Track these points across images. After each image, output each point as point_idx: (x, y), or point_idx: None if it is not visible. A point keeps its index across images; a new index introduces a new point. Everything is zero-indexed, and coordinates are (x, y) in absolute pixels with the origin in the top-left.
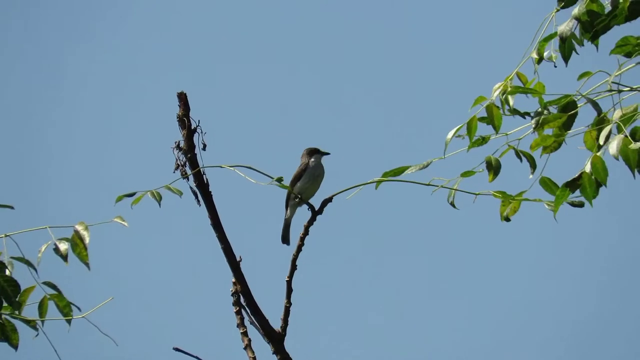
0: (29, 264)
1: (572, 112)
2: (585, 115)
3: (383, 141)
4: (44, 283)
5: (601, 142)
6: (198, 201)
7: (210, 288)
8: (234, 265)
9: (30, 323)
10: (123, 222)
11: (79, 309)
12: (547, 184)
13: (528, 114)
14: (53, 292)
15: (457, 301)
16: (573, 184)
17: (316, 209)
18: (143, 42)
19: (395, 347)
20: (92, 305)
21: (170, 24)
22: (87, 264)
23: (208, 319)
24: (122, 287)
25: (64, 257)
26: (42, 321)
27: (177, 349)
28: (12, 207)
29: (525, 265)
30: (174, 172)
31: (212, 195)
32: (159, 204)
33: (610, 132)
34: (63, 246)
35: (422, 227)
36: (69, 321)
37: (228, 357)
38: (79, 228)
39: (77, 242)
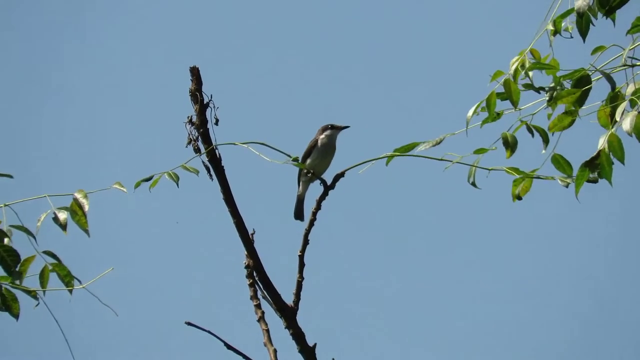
0: (28, 232)
1: (586, 87)
2: (598, 91)
3: (398, 116)
4: (44, 252)
5: (617, 118)
6: (210, 176)
7: (222, 262)
8: (247, 239)
9: (30, 293)
10: (122, 189)
11: (79, 281)
12: (559, 162)
13: (543, 88)
14: (53, 261)
15: (469, 273)
16: (592, 164)
17: (328, 183)
18: (155, 17)
19: (409, 320)
20: (101, 276)
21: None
22: (86, 231)
23: (221, 293)
24: (136, 261)
25: (63, 227)
26: (44, 291)
27: (189, 323)
28: (11, 176)
29: (538, 243)
30: (186, 147)
31: (224, 170)
32: (177, 184)
33: (624, 108)
34: (62, 215)
35: (433, 201)
36: (70, 291)
37: (241, 330)
38: (78, 196)
39: (76, 210)
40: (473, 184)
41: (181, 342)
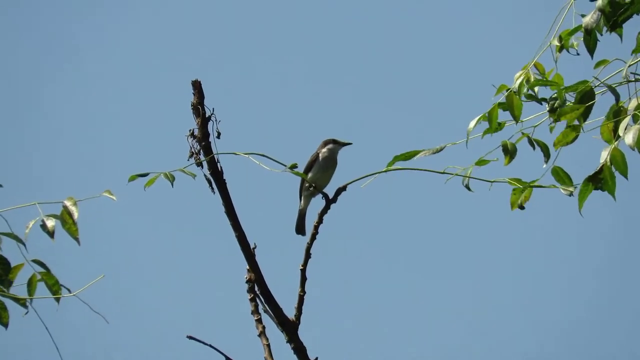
0: (18, 239)
1: (590, 102)
2: (601, 107)
3: (400, 129)
4: (33, 261)
5: (621, 133)
6: (212, 189)
7: (224, 276)
8: (248, 253)
9: (20, 301)
10: (111, 196)
11: (68, 289)
12: (559, 174)
13: (545, 99)
14: (42, 270)
15: (472, 285)
16: (595, 178)
17: (330, 197)
18: (157, 30)
19: (411, 334)
20: (98, 287)
21: (185, 12)
22: (77, 239)
23: (222, 307)
24: (138, 275)
25: (51, 234)
26: (31, 299)
27: (190, 337)
28: (0, 185)
29: (539, 253)
30: (188, 160)
31: (226, 183)
32: (172, 184)
33: (627, 123)
34: (50, 223)
35: (435, 215)
36: (57, 300)
37: (242, 344)
38: (68, 203)
39: (66, 218)
40: (467, 186)
41: (180, 356)
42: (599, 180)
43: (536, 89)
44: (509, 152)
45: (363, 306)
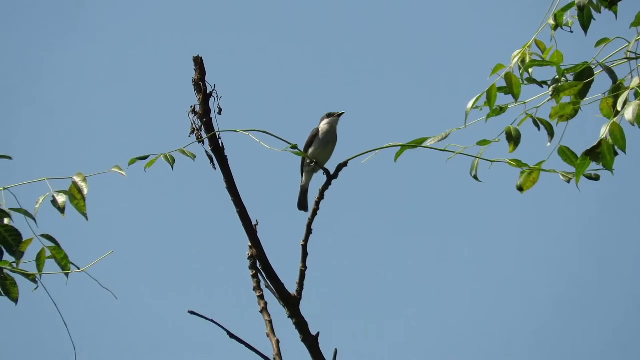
0: (28, 214)
1: (588, 80)
2: (602, 83)
3: (401, 106)
4: (42, 236)
5: (619, 108)
6: (214, 165)
7: (226, 252)
8: (250, 229)
9: (29, 276)
10: (121, 172)
11: (76, 266)
12: (566, 153)
13: (545, 82)
14: (51, 244)
15: (471, 263)
16: (593, 153)
17: (331, 173)
18: (159, 6)
19: (411, 310)
20: (106, 263)
21: None
22: (85, 215)
23: (224, 283)
24: (141, 252)
25: (62, 210)
26: (40, 275)
27: (192, 312)
28: (10, 158)
29: (541, 234)
30: (190, 137)
31: (227, 159)
32: (172, 167)
33: (627, 99)
34: (61, 198)
35: (436, 191)
36: (67, 274)
37: (244, 320)
38: (77, 179)
39: (75, 193)
40: (475, 177)
41: (182, 331)
42: (597, 155)
43: (531, 70)
44: (513, 138)
45: (364, 281)
